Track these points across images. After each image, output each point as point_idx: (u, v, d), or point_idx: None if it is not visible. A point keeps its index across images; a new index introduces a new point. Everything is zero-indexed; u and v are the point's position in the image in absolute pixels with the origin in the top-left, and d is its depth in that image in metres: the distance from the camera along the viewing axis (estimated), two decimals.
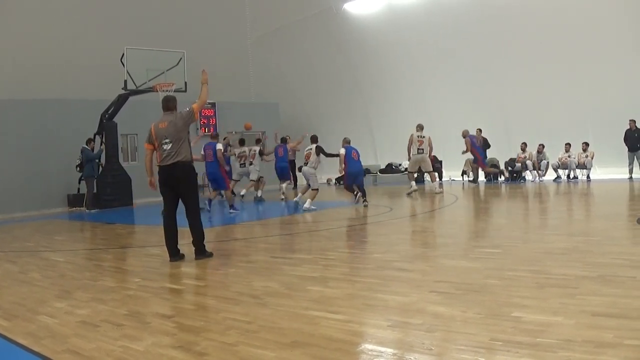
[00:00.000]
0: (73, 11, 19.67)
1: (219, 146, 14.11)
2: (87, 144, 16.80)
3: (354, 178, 14.23)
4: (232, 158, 17.16)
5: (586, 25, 17.44)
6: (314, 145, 14.47)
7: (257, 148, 17.48)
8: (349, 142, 14.39)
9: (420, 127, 16.92)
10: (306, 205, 13.86)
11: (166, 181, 7.59)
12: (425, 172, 17.92)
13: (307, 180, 14.55)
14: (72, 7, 19.60)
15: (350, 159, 13.95)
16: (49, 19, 19.25)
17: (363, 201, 14.05)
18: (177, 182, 7.56)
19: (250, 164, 17.41)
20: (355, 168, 14.07)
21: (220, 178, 14.18)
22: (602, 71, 17.57)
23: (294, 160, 20.97)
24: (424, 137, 16.74)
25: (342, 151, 14.05)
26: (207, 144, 14.37)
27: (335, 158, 14.63)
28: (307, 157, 14.45)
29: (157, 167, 7.78)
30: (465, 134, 18.54)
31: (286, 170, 17.63)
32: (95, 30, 20.06)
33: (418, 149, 16.69)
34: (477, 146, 18.58)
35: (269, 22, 25.27)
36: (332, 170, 24.62)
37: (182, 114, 7.73)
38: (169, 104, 7.79)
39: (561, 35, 18.08)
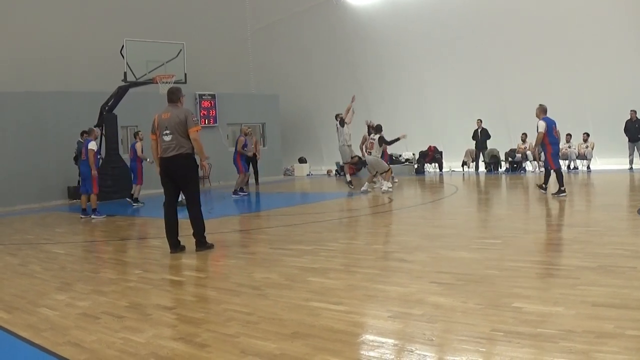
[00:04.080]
0: (72, 3, 19.60)
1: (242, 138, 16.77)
2: (81, 137, 16.76)
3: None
4: None
5: (586, 15, 17.36)
6: (377, 136, 14.96)
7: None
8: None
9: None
10: (384, 187, 14.69)
11: (167, 173, 7.59)
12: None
13: (374, 169, 15.15)
14: None
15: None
16: (48, 10, 19.19)
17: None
18: (177, 174, 7.55)
19: None
20: None
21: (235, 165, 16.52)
22: (603, 61, 17.51)
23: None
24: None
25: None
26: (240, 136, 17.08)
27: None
28: (371, 146, 15.02)
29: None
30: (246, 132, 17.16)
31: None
32: (95, 22, 19.98)
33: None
34: None
35: (269, 14, 25.19)
36: (330, 162, 24.67)
37: (186, 111, 7.67)
38: (172, 96, 7.72)
39: (561, 26, 18.00)
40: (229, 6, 24.82)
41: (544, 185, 12.27)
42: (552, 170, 12.08)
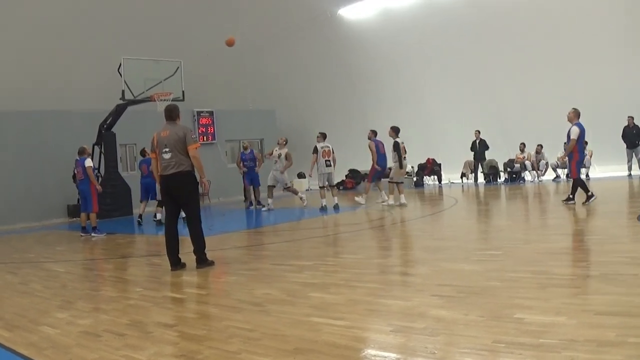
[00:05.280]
0: (70, 22, 19.65)
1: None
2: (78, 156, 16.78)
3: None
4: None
5: (581, 23, 17.47)
6: (400, 140, 14.35)
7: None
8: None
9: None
10: (397, 200, 14.35)
11: (167, 190, 7.60)
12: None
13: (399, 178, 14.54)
14: (69, 18, 19.58)
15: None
16: (47, 30, 19.25)
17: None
18: (177, 192, 7.56)
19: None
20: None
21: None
22: (599, 69, 17.57)
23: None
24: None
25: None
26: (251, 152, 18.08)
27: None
28: (404, 152, 14.42)
29: None
30: (370, 137, 15.62)
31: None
32: (93, 41, 20.03)
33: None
34: (380, 152, 15.29)
35: (264, 29, 25.27)
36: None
37: (185, 128, 7.70)
38: (171, 114, 7.74)
39: (557, 35, 18.10)
40: (225, 22, 24.90)
41: (570, 197, 11.79)
42: (573, 178, 11.96)
